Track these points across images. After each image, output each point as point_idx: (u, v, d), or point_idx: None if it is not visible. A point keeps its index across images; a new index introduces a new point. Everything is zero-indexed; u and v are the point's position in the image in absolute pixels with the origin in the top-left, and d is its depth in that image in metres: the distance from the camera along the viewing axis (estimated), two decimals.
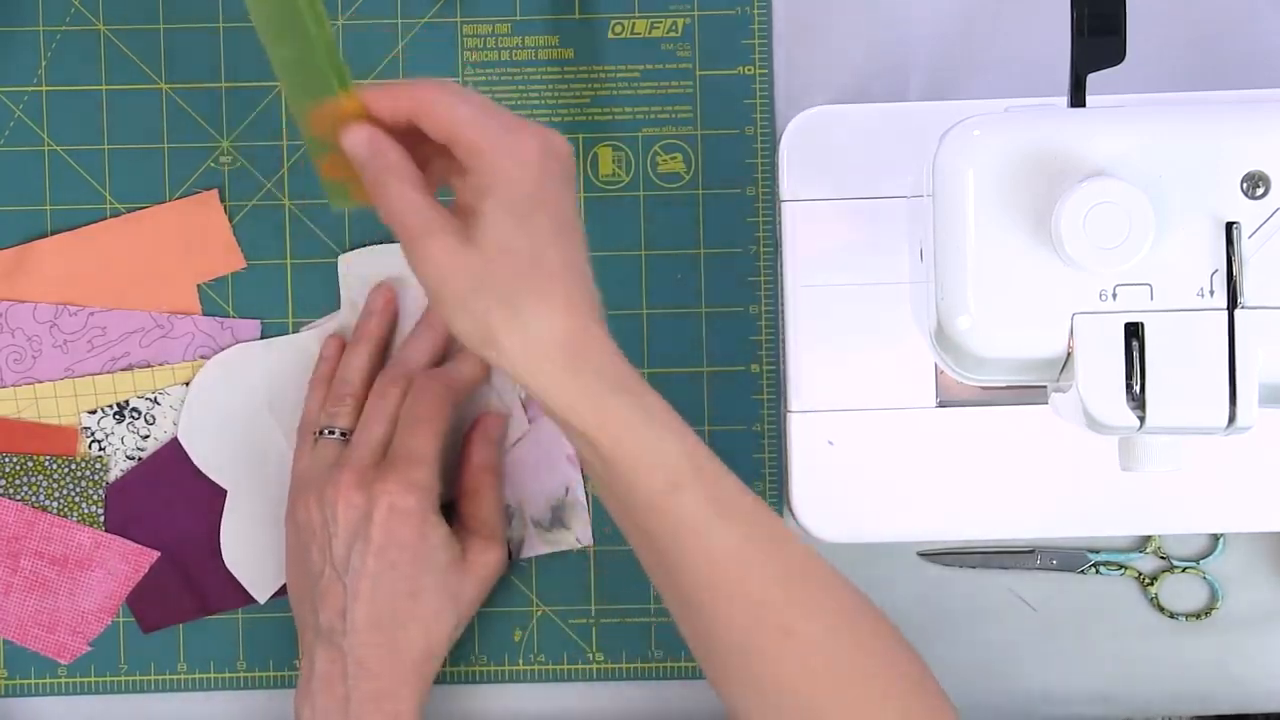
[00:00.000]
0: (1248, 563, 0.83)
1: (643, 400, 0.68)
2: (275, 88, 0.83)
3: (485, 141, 0.65)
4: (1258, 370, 0.62)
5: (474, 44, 0.83)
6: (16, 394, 0.83)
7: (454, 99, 0.66)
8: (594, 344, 0.67)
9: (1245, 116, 0.63)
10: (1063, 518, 0.79)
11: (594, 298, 0.68)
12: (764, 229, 0.83)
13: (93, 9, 0.83)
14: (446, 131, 0.66)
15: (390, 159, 0.66)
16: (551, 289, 0.66)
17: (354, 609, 0.76)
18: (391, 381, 0.79)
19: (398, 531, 0.76)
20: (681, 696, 0.84)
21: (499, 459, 0.82)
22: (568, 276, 0.67)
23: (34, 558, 0.83)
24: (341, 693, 0.76)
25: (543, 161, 0.66)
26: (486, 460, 0.81)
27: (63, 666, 0.84)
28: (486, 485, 0.81)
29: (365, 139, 0.67)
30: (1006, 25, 0.83)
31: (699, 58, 0.83)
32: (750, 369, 0.83)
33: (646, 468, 0.67)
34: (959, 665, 0.83)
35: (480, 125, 0.65)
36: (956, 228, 0.63)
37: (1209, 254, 0.62)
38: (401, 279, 0.83)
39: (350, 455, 0.77)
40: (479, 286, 0.66)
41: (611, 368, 0.67)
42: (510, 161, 0.65)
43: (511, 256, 0.65)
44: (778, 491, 0.83)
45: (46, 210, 0.83)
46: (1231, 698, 0.83)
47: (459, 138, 0.66)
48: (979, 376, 0.66)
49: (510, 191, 0.66)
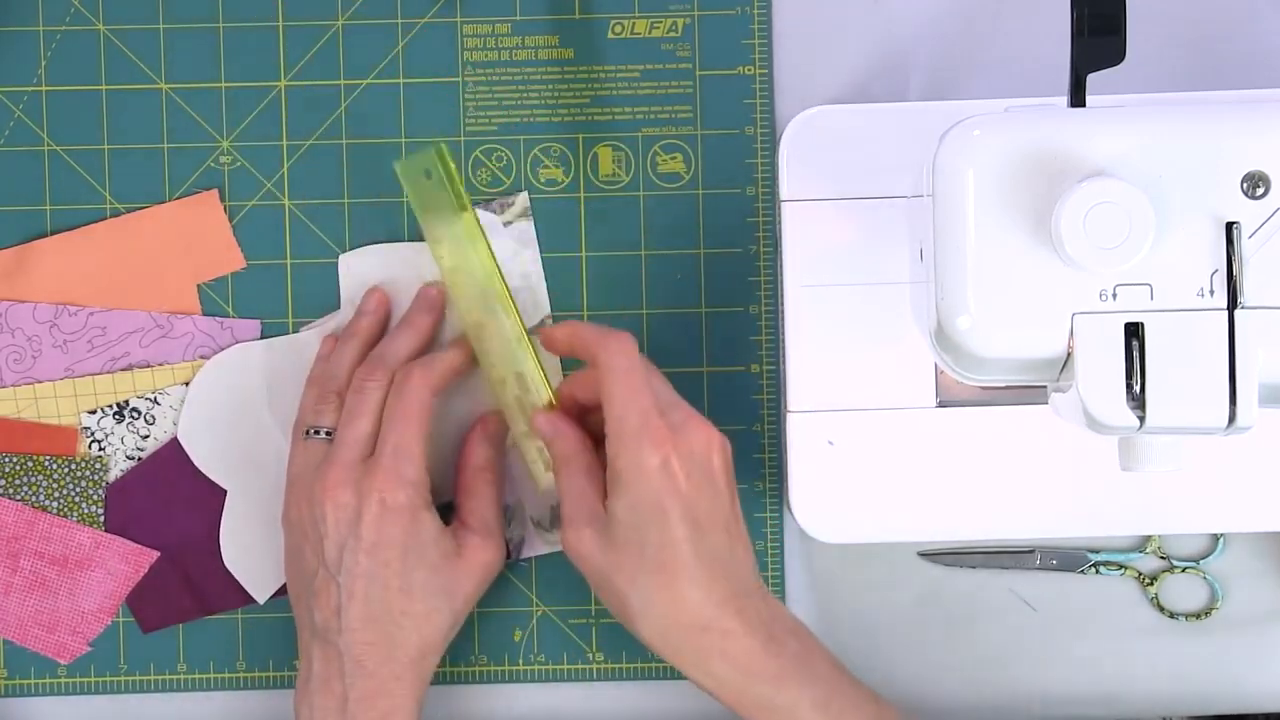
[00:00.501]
0: (1248, 563, 0.83)
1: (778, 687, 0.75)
2: (275, 87, 0.83)
3: (617, 439, 0.74)
4: (1258, 370, 0.62)
5: (474, 44, 0.83)
6: (16, 394, 0.83)
7: (611, 385, 0.74)
8: (714, 634, 0.74)
9: (1245, 116, 0.63)
10: (1063, 518, 0.79)
11: (734, 587, 0.75)
12: (764, 229, 0.83)
13: (93, 9, 0.83)
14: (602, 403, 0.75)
15: (566, 447, 0.77)
16: (670, 585, 0.74)
17: (348, 607, 0.76)
18: (369, 375, 0.79)
19: (389, 529, 0.76)
20: (681, 696, 0.84)
21: (498, 459, 0.82)
22: (695, 570, 0.73)
23: (34, 558, 0.83)
24: (339, 691, 0.76)
25: (663, 472, 0.73)
26: (484, 459, 0.81)
27: (63, 666, 0.84)
28: (484, 484, 0.81)
29: (547, 427, 0.78)
30: (1006, 25, 0.83)
31: (699, 58, 0.83)
32: (750, 369, 0.83)
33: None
34: (959, 665, 0.83)
35: (619, 420, 0.74)
36: (956, 228, 0.63)
37: (1209, 254, 0.62)
38: (397, 281, 0.83)
39: (335, 453, 0.77)
40: (612, 575, 0.74)
41: (745, 655, 0.74)
42: (634, 469, 0.73)
43: (634, 552, 0.74)
44: (778, 492, 0.83)
45: (46, 210, 0.83)
46: (1231, 698, 0.83)
47: (607, 414, 0.74)
48: (979, 376, 0.66)
49: (631, 496, 0.73)
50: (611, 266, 0.83)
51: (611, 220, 0.83)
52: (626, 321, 0.83)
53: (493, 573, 0.80)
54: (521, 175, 0.83)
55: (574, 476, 0.77)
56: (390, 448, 0.77)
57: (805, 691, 0.75)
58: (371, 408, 0.78)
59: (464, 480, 0.81)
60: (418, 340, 0.81)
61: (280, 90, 0.83)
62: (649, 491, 0.73)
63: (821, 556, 0.83)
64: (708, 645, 0.75)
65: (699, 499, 0.74)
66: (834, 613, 0.82)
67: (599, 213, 0.83)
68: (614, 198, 0.83)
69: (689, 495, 0.73)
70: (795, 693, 0.75)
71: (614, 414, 0.74)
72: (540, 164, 0.83)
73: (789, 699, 0.75)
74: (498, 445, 0.82)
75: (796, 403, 0.79)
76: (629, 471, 0.73)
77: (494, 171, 0.83)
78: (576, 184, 0.83)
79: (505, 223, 0.83)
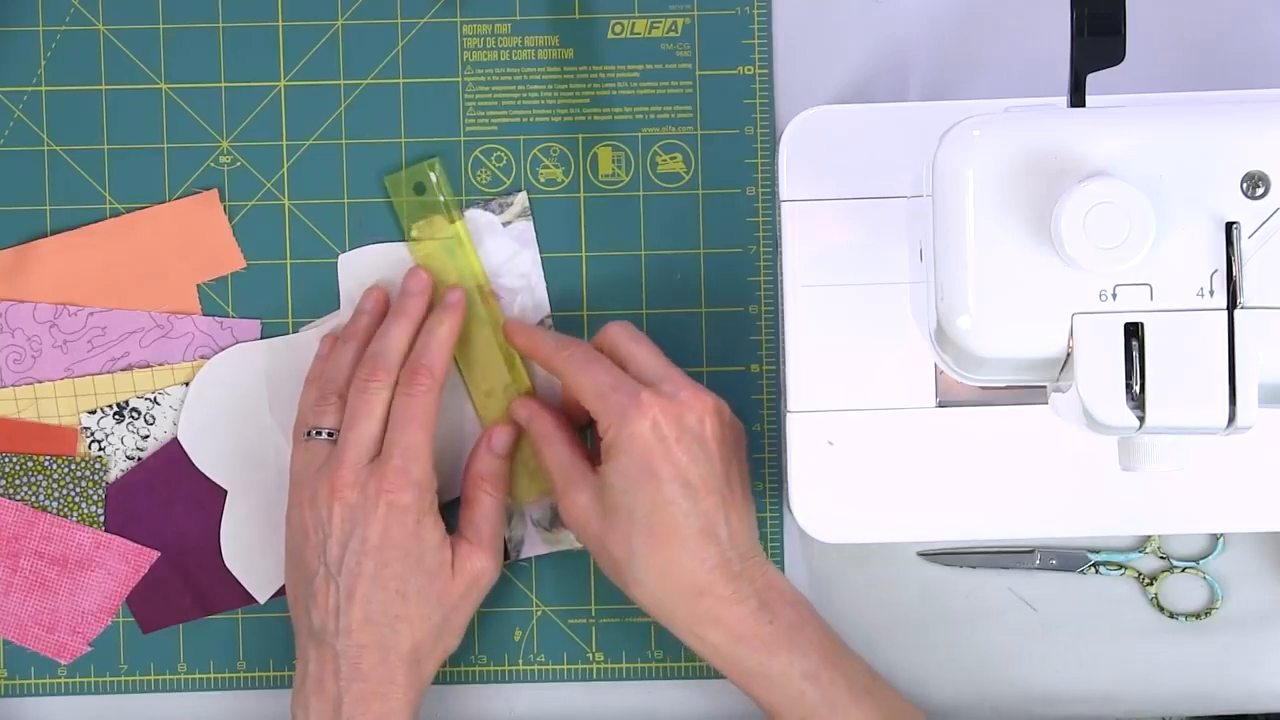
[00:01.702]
0: (1248, 563, 0.83)
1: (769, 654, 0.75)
2: (275, 87, 0.83)
3: (603, 416, 0.75)
4: (1258, 370, 0.62)
5: (474, 44, 0.83)
6: (16, 394, 0.83)
7: (581, 371, 0.76)
8: (708, 599, 0.75)
9: (1245, 116, 0.62)
10: (1063, 518, 0.79)
11: (727, 553, 0.75)
12: (764, 229, 0.83)
13: (93, 9, 0.83)
14: (578, 399, 0.77)
15: (544, 425, 0.79)
16: (662, 550, 0.75)
17: (347, 608, 0.76)
18: (371, 376, 0.78)
19: (394, 530, 0.76)
20: (681, 697, 0.84)
21: (501, 469, 0.81)
22: (687, 535, 0.75)
23: (34, 558, 0.83)
24: (334, 693, 0.76)
25: (653, 436, 0.74)
26: (487, 470, 0.81)
27: (63, 666, 0.84)
28: (484, 494, 0.80)
29: (523, 410, 0.81)
30: (1006, 25, 0.83)
31: (699, 58, 0.83)
32: (750, 369, 0.83)
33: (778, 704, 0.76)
34: (959, 665, 0.83)
35: (599, 398, 0.75)
36: (956, 228, 0.63)
37: (1209, 254, 0.62)
38: (397, 281, 0.83)
39: (341, 455, 0.77)
40: (606, 539, 0.76)
41: (737, 622, 0.75)
42: (624, 434, 0.74)
43: (625, 517, 0.75)
44: (778, 492, 0.83)
45: (46, 210, 0.83)
46: (1231, 698, 0.83)
47: (586, 405, 0.76)
48: (979, 376, 0.66)
49: (622, 461, 0.75)
50: (611, 266, 0.83)
51: (611, 220, 0.83)
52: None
53: (484, 583, 0.80)
54: (521, 175, 0.83)
55: (557, 449, 0.78)
56: (400, 449, 0.77)
57: (796, 661, 0.75)
58: (376, 409, 0.78)
59: (465, 489, 0.81)
60: (412, 328, 0.81)
61: (280, 90, 0.83)
62: (639, 456, 0.74)
63: (821, 556, 0.83)
64: (701, 610, 0.75)
65: (690, 464, 0.75)
66: (834, 613, 0.82)
67: (599, 213, 0.83)
68: (614, 198, 0.83)
69: (679, 460, 0.74)
70: (786, 661, 0.75)
71: (589, 397, 0.76)
72: (540, 164, 0.83)
73: (779, 667, 0.75)
74: (502, 455, 0.82)
75: (796, 403, 0.79)
76: (620, 440, 0.75)
77: (494, 171, 0.83)
78: (576, 184, 0.83)
79: (505, 223, 0.83)
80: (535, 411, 0.80)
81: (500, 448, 0.81)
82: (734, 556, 0.76)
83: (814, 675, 0.76)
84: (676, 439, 0.75)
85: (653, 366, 0.77)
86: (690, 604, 0.75)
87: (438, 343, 0.80)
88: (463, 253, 0.82)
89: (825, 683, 0.76)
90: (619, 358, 0.78)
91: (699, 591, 0.75)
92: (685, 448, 0.75)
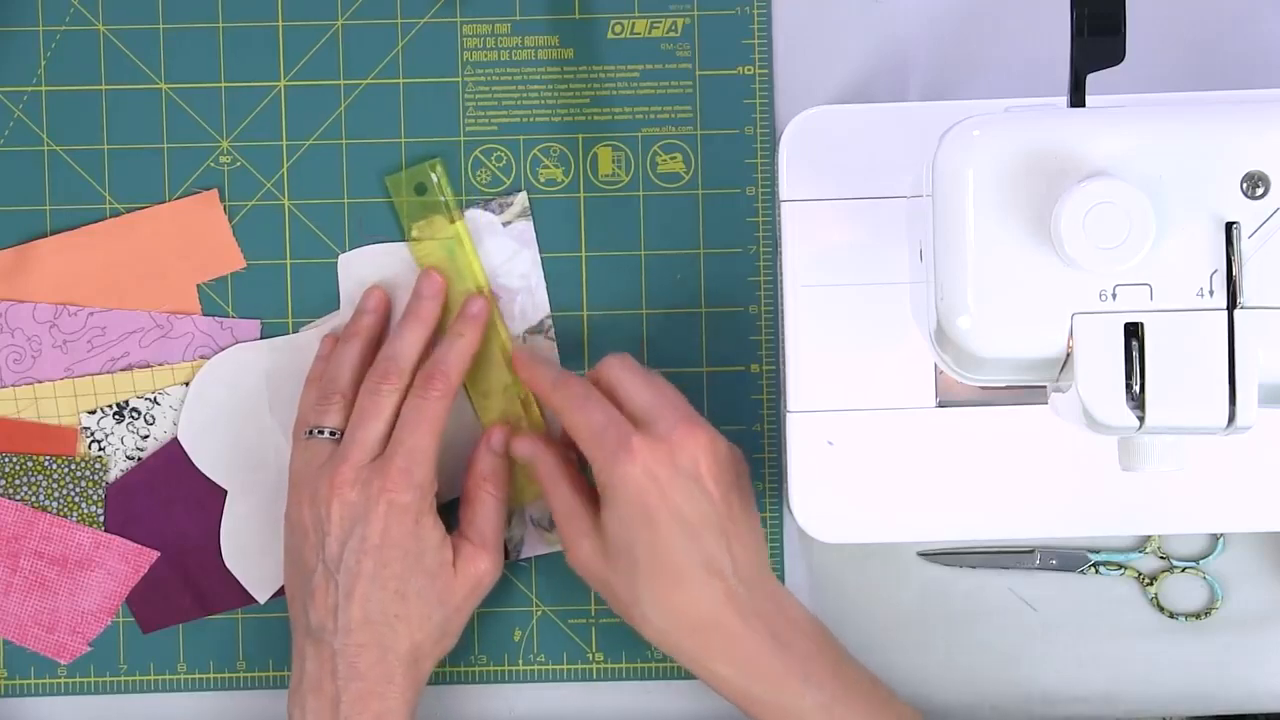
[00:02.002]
0: (1248, 563, 0.83)
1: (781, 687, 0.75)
2: (275, 87, 0.83)
3: (595, 459, 0.75)
4: (1257, 370, 0.62)
5: (474, 44, 0.83)
6: (16, 394, 0.83)
7: (576, 410, 0.76)
8: (718, 634, 0.75)
9: (1245, 116, 0.62)
10: (1063, 518, 0.79)
11: (733, 587, 0.75)
12: (764, 229, 0.83)
13: (93, 9, 0.83)
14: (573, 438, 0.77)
15: (547, 467, 0.79)
16: (667, 590, 0.75)
17: (345, 607, 0.76)
18: (384, 379, 0.79)
19: (394, 530, 0.76)
20: (681, 696, 0.84)
21: (503, 469, 0.81)
22: (690, 572, 0.75)
23: (34, 558, 0.83)
24: (331, 692, 0.76)
25: (645, 481, 0.74)
26: (488, 470, 0.81)
27: (62, 666, 0.84)
28: (485, 494, 0.80)
29: (526, 448, 0.80)
30: (1006, 25, 0.83)
31: (699, 58, 0.83)
32: (750, 369, 0.83)
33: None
34: (959, 665, 0.83)
35: (591, 439, 0.75)
36: (956, 228, 0.63)
37: (1209, 254, 0.62)
38: (397, 280, 0.83)
39: (345, 453, 0.77)
40: (609, 580, 0.76)
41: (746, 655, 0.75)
42: (615, 477, 0.74)
43: (627, 561, 0.75)
44: (778, 492, 0.83)
45: (46, 210, 0.83)
46: (1231, 698, 0.83)
47: (580, 446, 0.76)
48: (979, 376, 0.66)
49: (618, 506, 0.75)
50: (611, 266, 0.83)
51: (611, 220, 0.83)
52: (626, 321, 0.83)
53: (486, 583, 0.80)
54: (521, 175, 0.83)
55: (561, 494, 0.78)
56: (405, 450, 0.77)
57: (809, 694, 0.75)
58: (385, 411, 0.78)
59: (467, 489, 0.81)
60: (426, 332, 0.81)
61: (280, 90, 0.83)
62: (634, 500, 0.74)
63: (821, 556, 0.83)
64: (710, 645, 0.75)
65: (685, 503, 0.74)
66: (834, 613, 0.82)
67: (599, 213, 0.83)
68: (614, 198, 0.83)
69: (674, 501, 0.74)
70: (798, 694, 0.75)
71: (582, 439, 0.76)
72: (540, 164, 0.83)
73: (791, 700, 0.75)
74: (503, 454, 0.82)
75: (796, 403, 0.79)
76: (612, 486, 0.75)
77: (493, 171, 0.83)
78: (576, 184, 0.83)
79: (505, 223, 0.83)
80: (539, 450, 0.80)
81: (500, 447, 0.81)
82: (741, 588, 0.75)
83: (827, 709, 0.75)
84: (669, 480, 0.74)
85: (647, 403, 0.76)
86: (700, 640, 0.75)
87: (458, 352, 0.80)
88: (463, 253, 0.82)
89: (838, 716, 0.75)
90: (614, 395, 0.77)
91: (708, 627, 0.75)
92: (679, 488, 0.74)
